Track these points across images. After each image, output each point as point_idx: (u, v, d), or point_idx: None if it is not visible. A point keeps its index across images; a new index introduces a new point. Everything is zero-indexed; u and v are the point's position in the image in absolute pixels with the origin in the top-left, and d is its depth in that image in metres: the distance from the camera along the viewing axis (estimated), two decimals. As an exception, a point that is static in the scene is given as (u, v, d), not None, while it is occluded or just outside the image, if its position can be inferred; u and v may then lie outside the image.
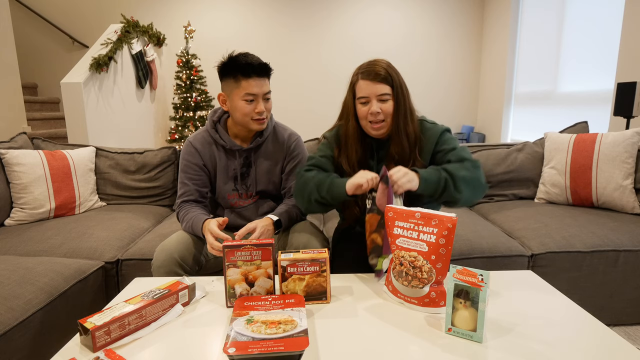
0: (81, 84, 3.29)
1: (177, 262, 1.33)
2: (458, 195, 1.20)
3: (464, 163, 1.25)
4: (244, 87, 1.38)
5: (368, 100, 1.29)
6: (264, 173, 1.55)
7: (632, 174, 1.94)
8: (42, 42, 5.12)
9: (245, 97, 1.38)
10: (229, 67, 1.38)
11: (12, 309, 1.21)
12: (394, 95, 1.29)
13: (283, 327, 0.86)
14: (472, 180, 1.22)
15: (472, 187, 1.22)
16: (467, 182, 1.21)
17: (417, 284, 1.01)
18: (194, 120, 4.59)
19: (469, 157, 1.27)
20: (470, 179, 1.22)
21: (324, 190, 1.27)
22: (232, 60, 1.38)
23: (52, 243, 1.71)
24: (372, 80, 1.27)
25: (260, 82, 1.38)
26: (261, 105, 1.41)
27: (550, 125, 4.03)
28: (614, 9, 3.16)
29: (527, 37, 4.46)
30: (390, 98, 1.29)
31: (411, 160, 1.33)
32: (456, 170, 1.21)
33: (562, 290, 1.72)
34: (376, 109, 1.27)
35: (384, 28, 5.30)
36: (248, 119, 1.42)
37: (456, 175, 1.19)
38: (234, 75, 1.38)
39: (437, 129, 1.35)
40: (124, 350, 0.88)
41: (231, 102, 1.43)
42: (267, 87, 1.43)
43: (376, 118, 1.29)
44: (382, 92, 1.27)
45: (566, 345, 0.87)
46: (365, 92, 1.29)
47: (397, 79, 1.30)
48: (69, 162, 2.09)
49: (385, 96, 1.28)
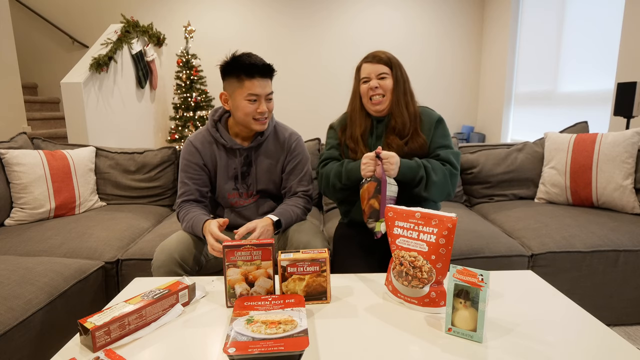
0: (81, 84, 3.29)
1: (177, 262, 1.33)
2: (425, 194, 1.40)
3: (445, 167, 1.42)
4: (247, 87, 1.38)
5: (369, 79, 1.47)
6: (265, 172, 1.55)
7: (632, 174, 1.94)
8: (42, 42, 5.12)
9: (248, 97, 1.39)
10: (233, 67, 1.39)
11: (12, 309, 1.21)
12: (393, 75, 1.46)
13: (283, 327, 0.86)
14: (442, 186, 1.40)
15: (439, 192, 1.42)
16: (437, 187, 1.40)
17: (417, 284, 1.01)
18: (194, 120, 4.59)
19: (454, 163, 1.44)
20: (441, 185, 1.40)
21: (343, 177, 1.45)
22: (235, 60, 1.39)
23: (52, 243, 1.71)
24: (372, 62, 1.46)
25: (263, 82, 1.40)
26: (263, 105, 1.42)
27: (550, 125, 4.03)
28: (614, 9, 3.16)
29: (527, 37, 4.46)
30: (388, 77, 1.46)
31: (409, 134, 1.47)
32: (433, 173, 1.39)
33: (562, 290, 1.72)
34: (375, 84, 1.45)
35: (384, 28, 5.30)
36: (250, 118, 1.43)
37: (431, 179, 1.38)
38: (237, 75, 1.39)
39: (435, 114, 1.52)
40: (124, 350, 0.88)
41: (233, 102, 1.43)
42: (270, 88, 1.44)
43: (375, 92, 1.45)
44: (381, 71, 1.45)
45: (566, 345, 0.87)
46: (366, 73, 1.47)
47: (396, 62, 1.47)
48: (69, 162, 2.09)
49: (384, 75, 1.45)
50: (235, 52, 1.42)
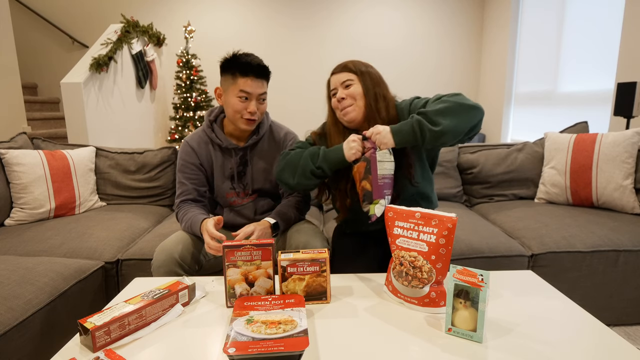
0: (81, 84, 3.29)
1: (177, 262, 1.33)
2: (438, 128, 1.14)
3: (439, 99, 1.23)
4: (239, 84, 1.40)
5: (336, 90, 1.36)
6: (261, 171, 1.55)
7: (632, 174, 1.94)
8: (42, 42, 5.12)
9: (240, 95, 1.41)
10: (230, 64, 1.42)
11: (12, 309, 1.21)
12: (360, 80, 1.34)
13: (283, 327, 0.86)
14: (449, 108, 1.16)
15: (452, 113, 1.16)
16: (443, 112, 1.16)
17: (417, 284, 1.01)
18: (194, 120, 4.59)
19: (446, 95, 1.24)
20: (446, 108, 1.16)
21: (318, 159, 1.30)
22: (233, 57, 1.42)
23: (52, 243, 1.71)
24: (336, 72, 1.37)
25: (256, 82, 1.41)
26: (253, 105, 1.42)
27: (550, 125, 4.03)
28: (614, 9, 3.16)
29: (527, 37, 4.46)
30: (353, 83, 1.34)
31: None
32: (428, 108, 1.19)
33: (562, 290, 1.72)
34: (341, 95, 1.34)
35: (384, 28, 5.30)
36: (238, 116, 1.44)
37: (428, 112, 1.17)
38: (232, 71, 1.41)
39: (407, 101, 1.38)
40: (124, 350, 0.88)
41: (226, 97, 1.45)
42: (263, 89, 1.44)
43: (342, 104, 1.34)
44: (345, 79, 1.34)
45: (566, 345, 0.87)
46: (333, 85, 1.38)
47: (360, 67, 1.35)
48: (69, 162, 2.09)
49: (349, 81, 1.34)
50: (237, 51, 1.44)
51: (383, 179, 1.20)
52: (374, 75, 1.36)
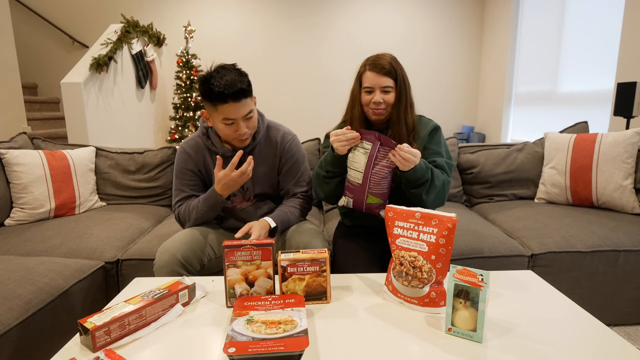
0: (81, 84, 3.29)
1: (180, 262, 1.33)
2: (424, 197, 1.35)
3: (443, 175, 1.41)
4: (221, 112, 1.34)
5: (372, 90, 1.41)
6: (261, 176, 1.54)
7: (632, 174, 1.94)
8: (42, 42, 5.12)
9: (224, 122, 1.37)
10: (206, 92, 1.33)
11: (12, 309, 1.21)
12: (397, 88, 1.41)
13: (283, 327, 0.86)
14: (439, 193, 1.38)
15: (436, 199, 1.38)
16: (436, 193, 1.38)
17: (417, 284, 1.01)
18: (194, 120, 4.59)
19: (449, 173, 1.44)
20: (439, 191, 1.38)
21: (325, 165, 1.42)
22: (207, 86, 1.32)
23: (52, 243, 1.71)
24: (378, 73, 1.38)
25: (237, 105, 1.33)
26: (242, 127, 1.38)
27: (550, 125, 4.03)
28: (614, 9, 3.16)
29: (527, 37, 4.46)
30: (392, 90, 1.41)
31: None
32: (436, 178, 1.36)
33: (562, 290, 1.72)
34: (379, 99, 1.40)
35: (384, 28, 5.30)
36: (230, 138, 1.43)
37: (434, 183, 1.35)
38: (210, 100, 1.34)
39: (431, 124, 1.50)
40: (124, 350, 0.88)
41: (213, 121, 1.42)
42: (247, 109, 1.36)
43: (378, 107, 1.41)
44: (385, 84, 1.39)
45: (566, 345, 0.87)
46: (370, 83, 1.40)
47: (400, 73, 1.41)
48: (69, 162, 2.09)
49: (388, 88, 1.40)
50: (212, 66, 1.37)
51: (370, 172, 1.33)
52: (407, 83, 1.44)
